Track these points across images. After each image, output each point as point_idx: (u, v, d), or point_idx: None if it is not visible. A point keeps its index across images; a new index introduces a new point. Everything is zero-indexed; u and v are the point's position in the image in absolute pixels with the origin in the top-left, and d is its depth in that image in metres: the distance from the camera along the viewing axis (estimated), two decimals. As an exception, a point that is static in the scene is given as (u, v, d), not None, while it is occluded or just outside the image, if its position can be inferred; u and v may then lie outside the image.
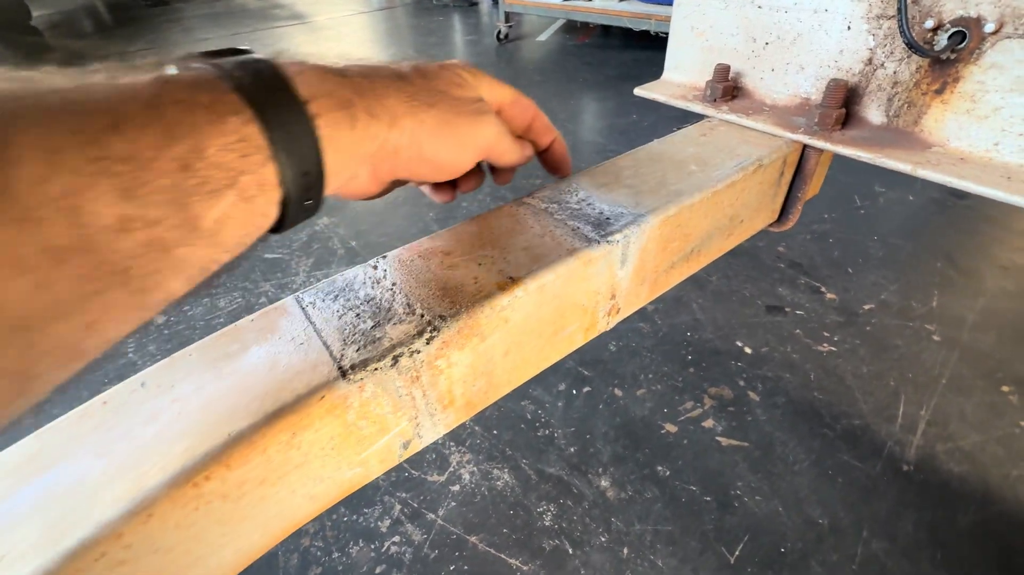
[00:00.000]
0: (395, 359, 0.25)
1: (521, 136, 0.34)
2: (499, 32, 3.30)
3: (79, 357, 0.16)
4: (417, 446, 0.30)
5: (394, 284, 0.30)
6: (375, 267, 0.31)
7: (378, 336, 0.26)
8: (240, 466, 0.22)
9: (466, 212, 1.56)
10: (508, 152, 0.31)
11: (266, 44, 3.48)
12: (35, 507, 0.21)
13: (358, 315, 0.28)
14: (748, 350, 1.03)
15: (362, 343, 0.26)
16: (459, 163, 0.28)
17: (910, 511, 0.75)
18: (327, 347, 0.26)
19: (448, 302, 0.28)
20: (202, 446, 0.22)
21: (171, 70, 0.18)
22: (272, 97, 0.19)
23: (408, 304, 0.28)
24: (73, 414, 0.25)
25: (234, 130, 0.17)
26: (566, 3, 2.87)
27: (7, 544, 0.20)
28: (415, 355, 0.26)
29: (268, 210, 0.19)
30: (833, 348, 1.03)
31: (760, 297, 1.17)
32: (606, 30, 3.54)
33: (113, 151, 0.15)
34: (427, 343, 0.26)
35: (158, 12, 4.63)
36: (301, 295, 0.29)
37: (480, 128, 0.28)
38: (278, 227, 0.21)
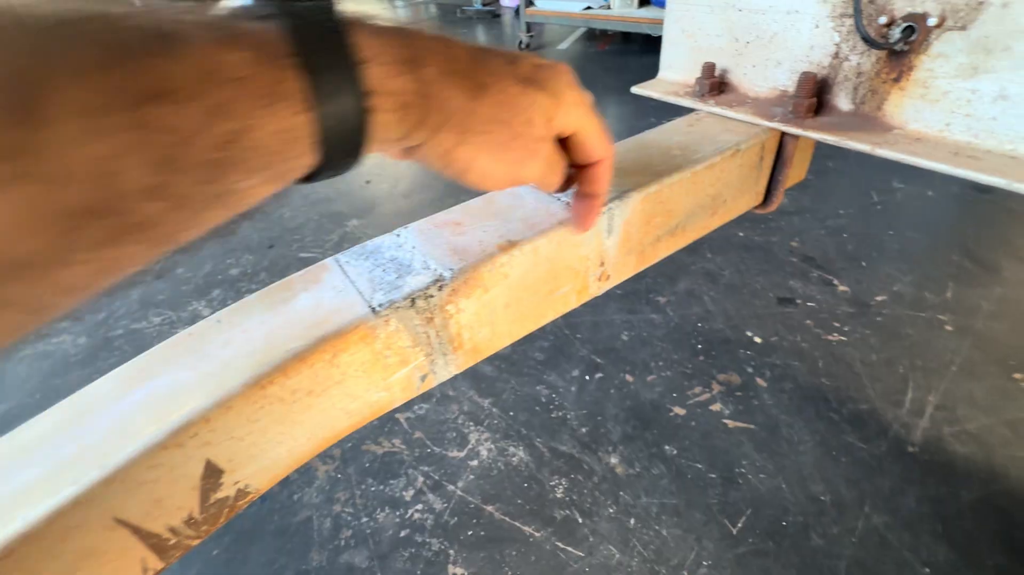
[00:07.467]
0: (413, 301, 0.32)
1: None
2: (520, 42, 3.39)
3: (85, 293, 0.16)
4: (432, 381, 0.36)
5: (413, 247, 0.36)
6: (398, 235, 0.38)
7: (400, 284, 0.33)
8: (294, 376, 0.29)
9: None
10: (547, 187, 0.32)
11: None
12: (144, 404, 0.28)
13: (384, 270, 0.34)
14: (758, 339, 1.07)
15: (387, 289, 0.32)
16: (492, 186, 0.28)
17: (913, 488, 0.77)
18: (360, 293, 0.32)
19: (457, 259, 0.34)
20: (266, 361, 0.28)
21: (235, 23, 0.17)
22: (337, 90, 0.18)
23: (424, 262, 0.34)
24: (165, 343, 0.32)
25: (287, 118, 0.17)
26: (586, 11, 2.94)
27: (125, 427, 0.27)
28: (429, 299, 0.32)
29: (298, 175, 0.20)
30: (843, 338, 1.05)
31: (772, 289, 1.20)
32: (626, 36, 3.59)
33: (156, 120, 0.14)
34: (439, 290, 0.33)
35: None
36: (339, 256, 0.36)
37: (525, 167, 0.28)
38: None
